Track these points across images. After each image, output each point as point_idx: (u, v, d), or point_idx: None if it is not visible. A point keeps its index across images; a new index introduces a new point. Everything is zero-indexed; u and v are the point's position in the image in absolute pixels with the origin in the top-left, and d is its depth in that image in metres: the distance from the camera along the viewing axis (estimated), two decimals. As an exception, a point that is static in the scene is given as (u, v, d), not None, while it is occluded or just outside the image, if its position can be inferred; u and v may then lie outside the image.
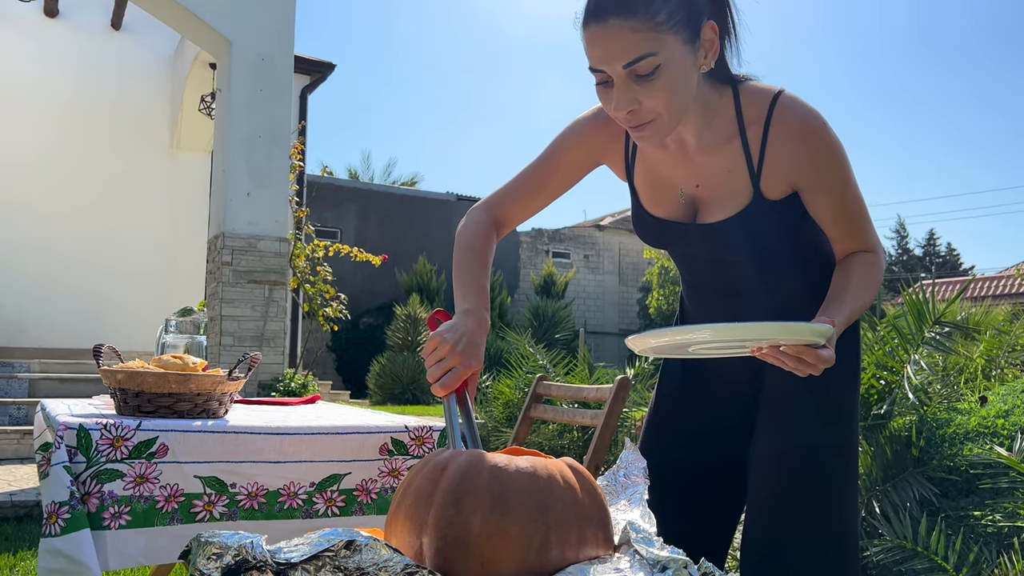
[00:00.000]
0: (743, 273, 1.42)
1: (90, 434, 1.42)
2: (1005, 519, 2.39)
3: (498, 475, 0.99)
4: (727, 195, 1.35)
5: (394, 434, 1.68)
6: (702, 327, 1.15)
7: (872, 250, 1.35)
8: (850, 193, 1.33)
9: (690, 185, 1.39)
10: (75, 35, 9.08)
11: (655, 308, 17.39)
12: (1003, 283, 19.28)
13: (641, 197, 1.46)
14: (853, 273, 1.31)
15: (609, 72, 1.18)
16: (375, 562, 0.91)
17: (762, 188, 1.32)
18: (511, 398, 5.87)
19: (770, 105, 1.30)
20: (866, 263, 1.33)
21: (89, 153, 8.99)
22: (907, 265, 35.64)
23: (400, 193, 17.62)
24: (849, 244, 1.36)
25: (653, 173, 1.43)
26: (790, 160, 1.30)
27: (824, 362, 1.13)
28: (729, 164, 1.33)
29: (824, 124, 1.29)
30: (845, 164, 1.31)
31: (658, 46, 1.15)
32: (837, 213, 1.33)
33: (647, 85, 1.17)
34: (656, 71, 1.16)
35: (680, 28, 1.16)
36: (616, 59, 1.16)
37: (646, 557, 0.96)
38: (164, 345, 2.23)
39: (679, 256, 1.53)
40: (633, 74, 1.17)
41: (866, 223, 1.36)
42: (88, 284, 8.83)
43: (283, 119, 6.50)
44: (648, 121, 1.21)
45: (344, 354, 14.69)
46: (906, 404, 2.94)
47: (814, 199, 1.33)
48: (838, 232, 1.35)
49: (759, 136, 1.30)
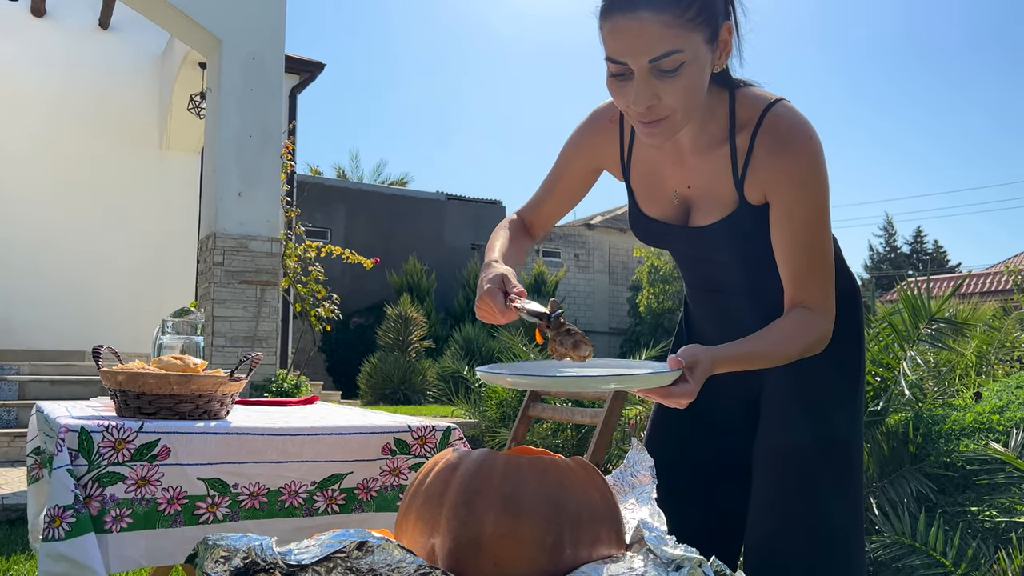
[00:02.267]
0: (733, 275, 1.43)
1: (91, 436, 1.40)
2: (1002, 515, 2.40)
3: (510, 475, 0.98)
4: (714, 199, 1.34)
5: (397, 434, 1.67)
6: (537, 378, 1.15)
7: (816, 309, 1.26)
8: (817, 227, 1.25)
9: (682, 186, 1.39)
10: (62, 34, 9.00)
11: (645, 307, 17.40)
12: (990, 280, 19.41)
13: (637, 197, 1.46)
14: (779, 324, 1.25)
15: (632, 65, 1.15)
16: (388, 563, 0.90)
17: (746, 194, 1.31)
18: (504, 397, 5.86)
19: (763, 112, 1.28)
20: (800, 321, 1.25)
21: (77, 153, 8.92)
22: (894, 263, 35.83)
23: (390, 193, 17.58)
24: (795, 290, 1.26)
25: (649, 173, 1.43)
26: (767, 167, 1.26)
27: (677, 397, 1.10)
28: (716, 168, 1.32)
29: (810, 137, 1.25)
30: (820, 189, 1.25)
31: (685, 43, 1.13)
32: (795, 243, 1.25)
33: (668, 81, 1.15)
34: (680, 68, 1.14)
35: (704, 26, 1.15)
36: (643, 53, 1.13)
37: (660, 556, 0.96)
38: (161, 346, 2.21)
39: (674, 255, 1.54)
40: (656, 69, 1.14)
41: (823, 277, 1.27)
42: (77, 285, 8.76)
43: (274, 118, 6.47)
44: (663, 118, 1.19)
45: (335, 354, 14.64)
46: (901, 400, 2.95)
47: (778, 218, 1.27)
48: (789, 270, 1.27)
49: (747, 142, 1.28)
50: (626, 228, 19.72)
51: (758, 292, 1.41)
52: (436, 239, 16.53)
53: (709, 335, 1.53)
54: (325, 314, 7.28)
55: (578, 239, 19.42)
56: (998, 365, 4.18)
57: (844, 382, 1.43)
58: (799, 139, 1.25)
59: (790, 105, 1.29)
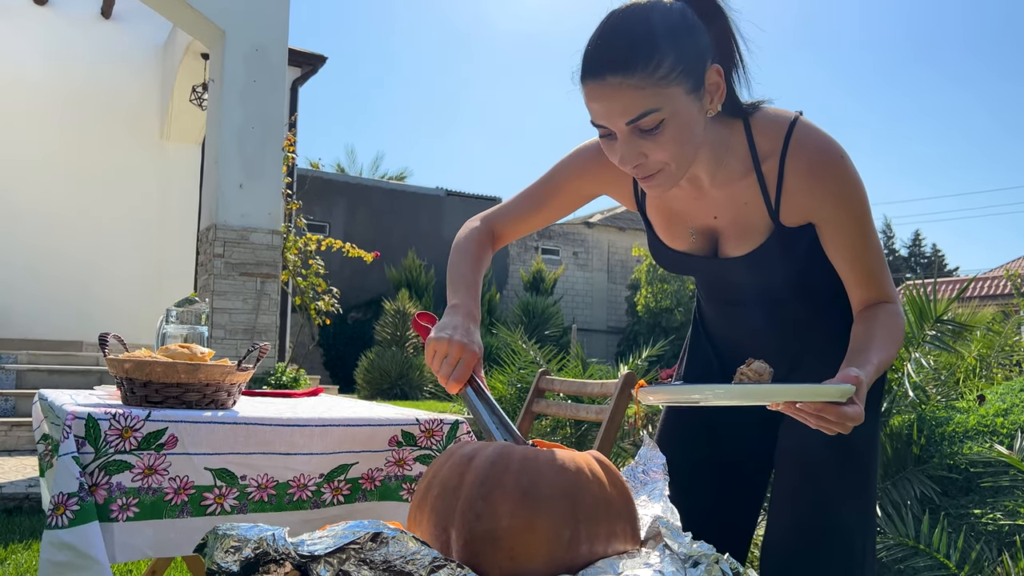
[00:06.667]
0: (758, 292, 1.42)
1: (99, 424, 1.39)
2: (1006, 517, 2.39)
3: (527, 468, 0.97)
4: (746, 228, 1.32)
5: (405, 427, 1.66)
6: (714, 388, 1.11)
7: (893, 301, 1.29)
8: (868, 233, 1.27)
9: (707, 217, 1.36)
10: (64, 23, 8.97)
11: (643, 306, 17.40)
12: (989, 284, 19.42)
13: (657, 230, 1.44)
14: (878, 324, 1.24)
15: (611, 128, 1.14)
16: (402, 555, 0.89)
17: (781, 219, 1.29)
18: (504, 394, 5.85)
19: (785, 137, 1.25)
20: (890, 314, 1.26)
21: (77, 143, 8.89)
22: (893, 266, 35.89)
23: (389, 188, 17.55)
24: (867, 292, 1.28)
25: (667, 208, 1.41)
26: (807, 194, 1.25)
27: (850, 419, 1.06)
28: (746, 198, 1.30)
29: (841, 157, 1.24)
30: (863, 201, 1.26)
31: (661, 101, 1.10)
32: (856, 253, 1.27)
33: (652, 139, 1.13)
34: (661, 125, 1.12)
35: (683, 78, 1.11)
36: (618, 116, 1.12)
37: (677, 552, 0.95)
38: (165, 336, 2.19)
39: (698, 280, 1.52)
40: (637, 129, 1.12)
41: (884, 271, 1.29)
42: (76, 275, 8.74)
43: (276, 111, 6.45)
44: (656, 172, 1.17)
45: (332, 349, 14.63)
46: (904, 402, 2.94)
47: (831, 236, 1.27)
48: (855, 277, 1.28)
49: (775, 170, 1.26)
50: (625, 227, 19.72)
51: (779, 303, 1.41)
52: (435, 235, 16.51)
53: (729, 341, 1.52)
54: (325, 307, 7.27)
55: (577, 237, 19.41)
56: (997, 369, 4.18)
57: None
58: (831, 162, 1.24)
59: (808, 123, 1.27)
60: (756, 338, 1.46)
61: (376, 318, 13.26)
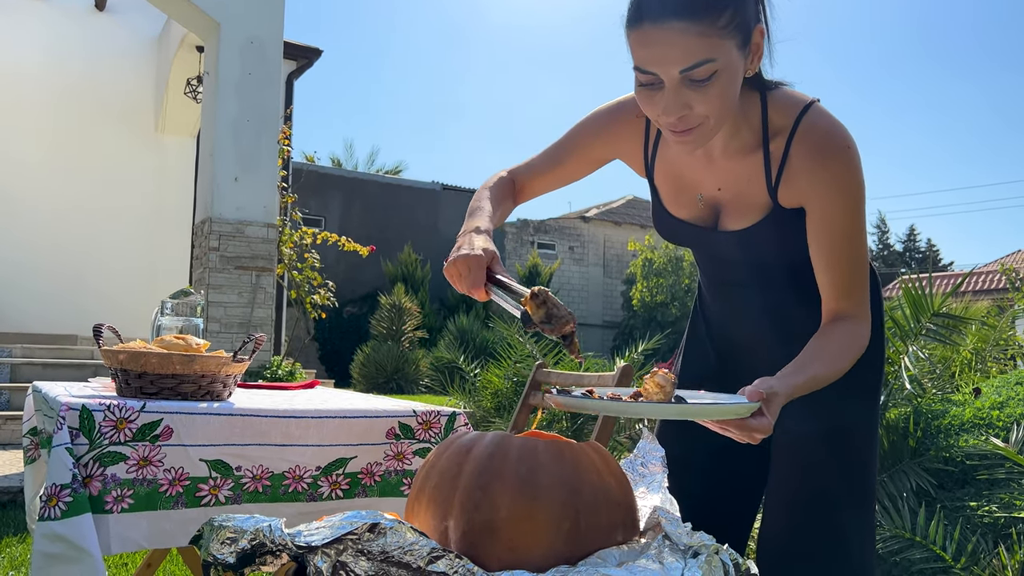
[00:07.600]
0: (754, 272, 1.41)
1: (93, 415, 1.38)
2: (1002, 510, 2.40)
3: (526, 457, 0.96)
4: (746, 202, 1.32)
5: (402, 418, 1.66)
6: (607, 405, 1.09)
7: (861, 318, 1.26)
8: (852, 235, 1.25)
9: (712, 188, 1.36)
10: (58, 15, 8.92)
11: (639, 300, 17.42)
12: (983, 279, 19.48)
13: (662, 196, 1.44)
14: (833, 339, 1.22)
15: (662, 76, 1.11)
16: (400, 545, 0.88)
17: (780, 200, 1.29)
18: (500, 388, 5.84)
19: (797, 117, 1.25)
20: (849, 332, 1.23)
21: (71, 136, 8.85)
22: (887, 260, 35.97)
23: (385, 182, 17.52)
24: (837, 301, 1.26)
25: (675, 174, 1.40)
26: (807, 176, 1.24)
27: (756, 431, 1.06)
28: (750, 173, 1.30)
29: (848, 146, 1.22)
30: (856, 197, 1.24)
31: (718, 52, 1.09)
32: (834, 256, 1.25)
33: (701, 90, 1.11)
34: (713, 77, 1.10)
35: (737, 32, 1.11)
36: (674, 63, 1.10)
37: (677, 543, 0.95)
38: (160, 327, 2.18)
39: (696, 253, 1.52)
40: (688, 79, 1.11)
41: (861, 285, 1.26)
42: (70, 269, 8.70)
43: (272, 104, 6.42)
44: (696, 126, 1.16)
45: (327, 343, 14.61)
46: (901, 395, 2.95)
47: (816, 230, 1.25)
48: (830, 279, 1.26)
49: (781, 148, 1.26)
50: (621, 221, 19.72)
51: (775, 286, 1.41)
52: (431, 229, 16.48)
53: (727, 325, 1.51)
54: (321, 301, 7.26)
55: (573, 231, 19.41)
56: (992, 363, 4.20)
57: (864, 372, 1.40)
58: (837, 148, 1.23)
59: (823, 109, 1.26)
60: (749, 321, 1.46)
61: (372, 312, 13.23)
